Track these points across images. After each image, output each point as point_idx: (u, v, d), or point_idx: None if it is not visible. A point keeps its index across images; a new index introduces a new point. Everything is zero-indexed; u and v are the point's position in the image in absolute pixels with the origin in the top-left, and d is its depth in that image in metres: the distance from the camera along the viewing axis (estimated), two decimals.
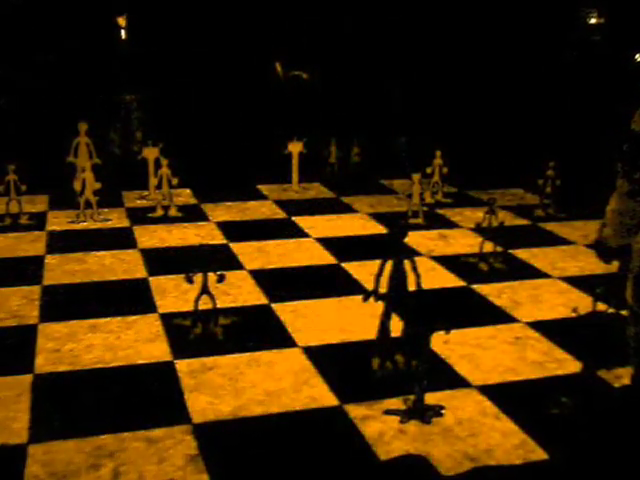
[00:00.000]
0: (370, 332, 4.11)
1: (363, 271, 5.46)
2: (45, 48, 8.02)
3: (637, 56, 8.09)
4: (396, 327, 4.06)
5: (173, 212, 6.94)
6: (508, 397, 3.81)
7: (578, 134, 8.00)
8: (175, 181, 6.90)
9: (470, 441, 3.40)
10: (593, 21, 8.23)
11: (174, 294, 5.04)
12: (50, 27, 8.02)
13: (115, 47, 8.58)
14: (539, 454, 3.33)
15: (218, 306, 4.51)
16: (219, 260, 5.26)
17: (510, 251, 6.07)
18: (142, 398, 3.73)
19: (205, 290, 4.39)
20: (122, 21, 8.38)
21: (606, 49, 8.19)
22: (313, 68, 8.97)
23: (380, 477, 3.20)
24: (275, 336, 4.46)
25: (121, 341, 4.33)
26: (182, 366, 4.05)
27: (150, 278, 5.36)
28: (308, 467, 3.23)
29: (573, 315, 4.56)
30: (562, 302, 5.06)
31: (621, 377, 3.96)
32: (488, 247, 5.77)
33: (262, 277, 5.42)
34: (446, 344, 4.28)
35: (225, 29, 8.56)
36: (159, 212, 6.94)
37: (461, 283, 5.42)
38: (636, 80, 7.66)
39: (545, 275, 5.65)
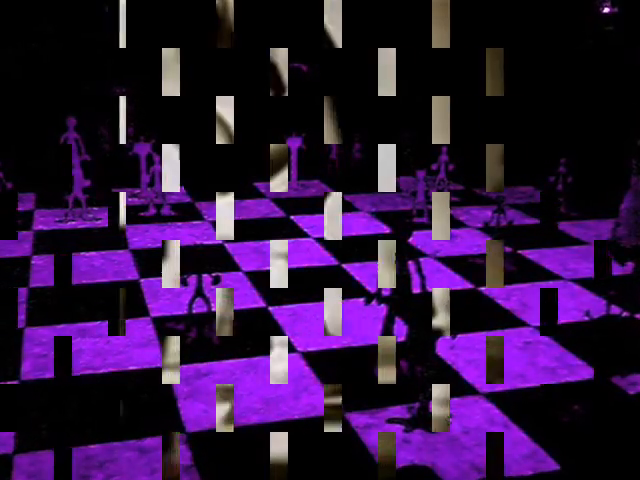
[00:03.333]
0: (373, 336, 4.08)
1: (365, 273, 5.42)
2: (29, 36, 7.95)
3: None
4: (400, 331, 3.98)
5: (166, 211, 6.87)
6: (517, 405, 3.72)
7: (591, 130, 7.96)
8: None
9: (477, 451, 3.31)
10: (606, 11, 8.19)
11: (167, 297, 4.96)
12: (36, 16, 7.95)
13: (105, 39, 8.54)
14: (550, 465, 3.25)
15: (213, 309, 4.39)
16: (214, 261, 5.29)
17: (519, 251, 6.00)
18: (133, 406, 3.64)
19: (200, 293, 4.33)
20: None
21: (620, 40, 8.17)
22: (313, 59, 8.92)
23: None
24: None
25: (111, 346, 4.25)
26: None
27: (142, 280, 5.28)
28: (308, 478, 3.15)
29: (585, 319, 4.54)
30: (574, 305, 4.97)
31: (636, 384, 3.89)
32: None
33: (259, 279, 5.33)
34: (452, 349, 4.20)
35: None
36: (151, 211, 6.87)
37: (468, 285, 5.35)
38: None
39: (556, 277, 5.55)
